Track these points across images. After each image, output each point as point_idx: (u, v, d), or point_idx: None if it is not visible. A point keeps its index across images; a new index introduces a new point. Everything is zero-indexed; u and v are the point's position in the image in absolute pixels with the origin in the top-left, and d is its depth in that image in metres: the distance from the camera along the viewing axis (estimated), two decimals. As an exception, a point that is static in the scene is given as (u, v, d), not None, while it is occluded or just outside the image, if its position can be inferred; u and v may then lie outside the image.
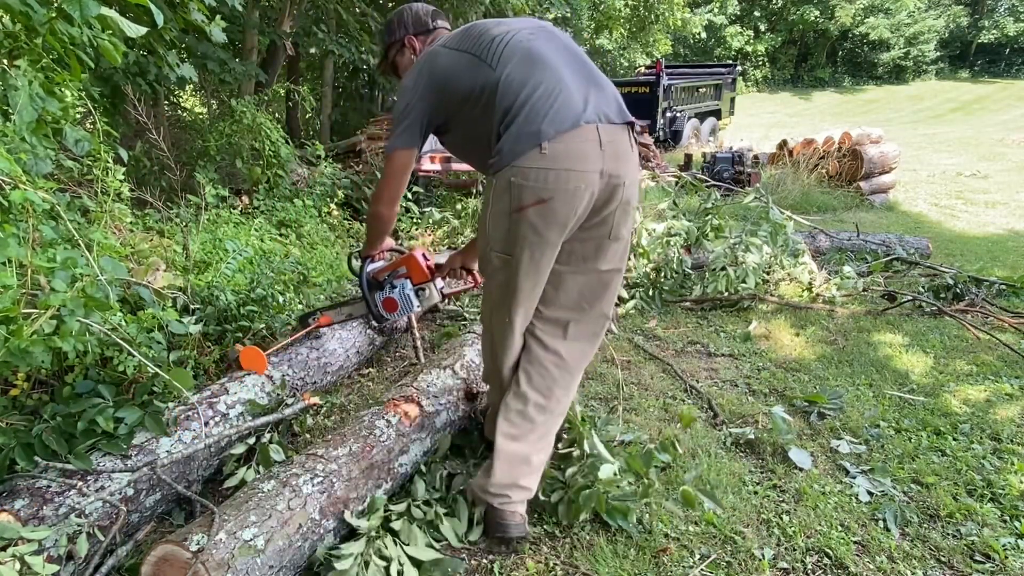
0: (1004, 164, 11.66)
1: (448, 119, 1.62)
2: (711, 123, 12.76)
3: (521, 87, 1.45)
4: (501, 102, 1.47)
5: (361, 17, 7.18)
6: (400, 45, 1.83)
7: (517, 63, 1.48)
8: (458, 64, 1.55)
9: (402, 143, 1.62)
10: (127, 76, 3.92)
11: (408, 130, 1.61)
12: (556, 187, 1.42)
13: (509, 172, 1.43)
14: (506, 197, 1.45)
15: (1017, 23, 33.66)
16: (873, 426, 2.20)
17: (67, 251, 1.62)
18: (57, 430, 1.53)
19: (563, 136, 1.42)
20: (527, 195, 1.43)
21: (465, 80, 1.52)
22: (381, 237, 1.96)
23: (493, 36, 1.54)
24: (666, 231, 3.73)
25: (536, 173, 1.41)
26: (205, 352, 2.20)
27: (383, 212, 1.80)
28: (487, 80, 1.49)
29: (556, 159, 1.41)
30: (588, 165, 1.44)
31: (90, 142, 2.11)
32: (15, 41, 1.95)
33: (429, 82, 1.57)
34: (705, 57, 32.24)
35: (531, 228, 1.45)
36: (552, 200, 1.43)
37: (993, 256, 5.11)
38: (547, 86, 1.46)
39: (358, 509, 1.52)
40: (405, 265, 2.02)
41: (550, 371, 1.62)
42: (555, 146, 1.41)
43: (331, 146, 7.82)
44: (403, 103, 1.60)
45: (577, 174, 1.43)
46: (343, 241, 4.16)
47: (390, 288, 2.04)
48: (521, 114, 1.43)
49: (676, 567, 1.52)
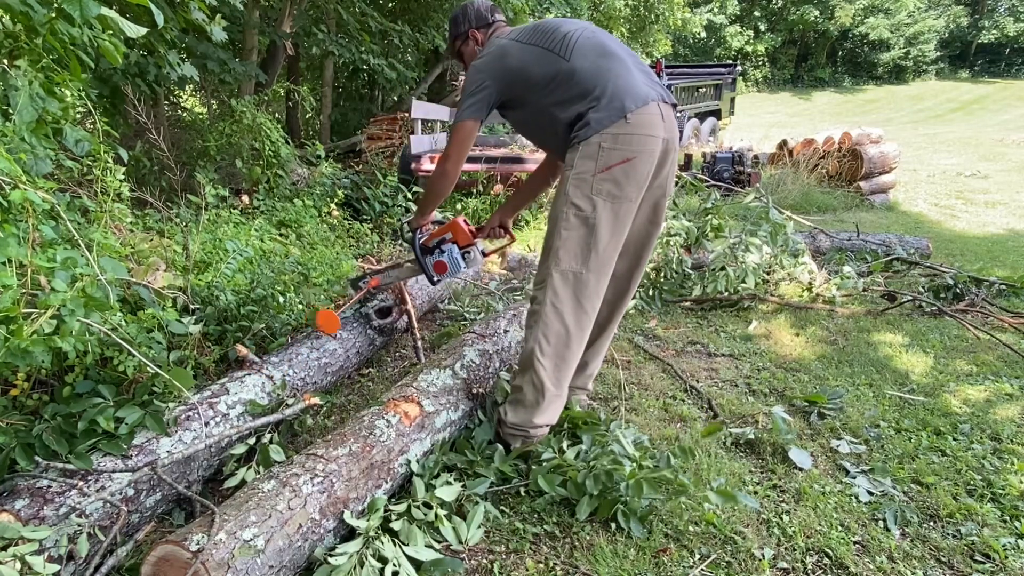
0: (1004, 164, 11.66)
1: (515, 99, 1.93)
2: (711, 123, 12.75)
3: (598, 73, 1.80)
4: (580, 85, 1.80)
5: (361, 17, 7.18)
6: (465, 37, 2.17)
7: (591, 55, 1.83)
8: (530, 55, 1.87)
9: (469, 115, 1.91)
10: (127, 76, 3.92)
11: (476, 105, 1.90)
12: (639, 148, 1.76)
13: (598, 138, 1.75)
14: (593, 160, 1.76)
15: (1017, 23, 33.67)
16: (873, 426, 2.20)
17: (67, 251, 1.62)
18: (57, 430, 1.53)
19: (640, 109, 1.77)
20: (615, 156, 1.75)
21: (539, 69, 1.85)
22: (441, 196, 2.14)
23: (564, 33, 1.87)
24: (666, 231, 3.73)
25: (624, 138, 1.75)
26: (205, 352, 2.20)
27: (449, 170, 2.03)
28: (561, 68, 1.82)
29: (638, 126, 1.76)
30: (657, 131, 1.80)
31: (90, 142, 2.11)
32: (15, 41, 1.95)
33: (501, 69, 1.89)
34: (705, 57, 32.26)
35: (615, 184, 1.77)
36: (636, 159, 1.76)
37: (993, 256, 5.11)
38: (621, 72, 1.82)
39: (358, 509, 1.52)
40: (451, 231, 2.23)
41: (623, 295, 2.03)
42: (636, 117, 1.76)
43: (331, 146, 7.84)
44: (474, 83, 1.91)
45: (652, 139, 1.79)
46: (343, 241, 4.15)
47: (439, 252, 2.23)
48: (606, 93, 1.77)
49: (676, 567, 1.52)
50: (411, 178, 5.43)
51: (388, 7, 8.69)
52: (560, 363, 1.85)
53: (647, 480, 1.64)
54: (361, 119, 9.36)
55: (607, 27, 11.14)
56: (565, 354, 1.85)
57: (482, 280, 3.82)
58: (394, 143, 7.07)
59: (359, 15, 7.12)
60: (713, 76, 13.43)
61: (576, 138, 1.79)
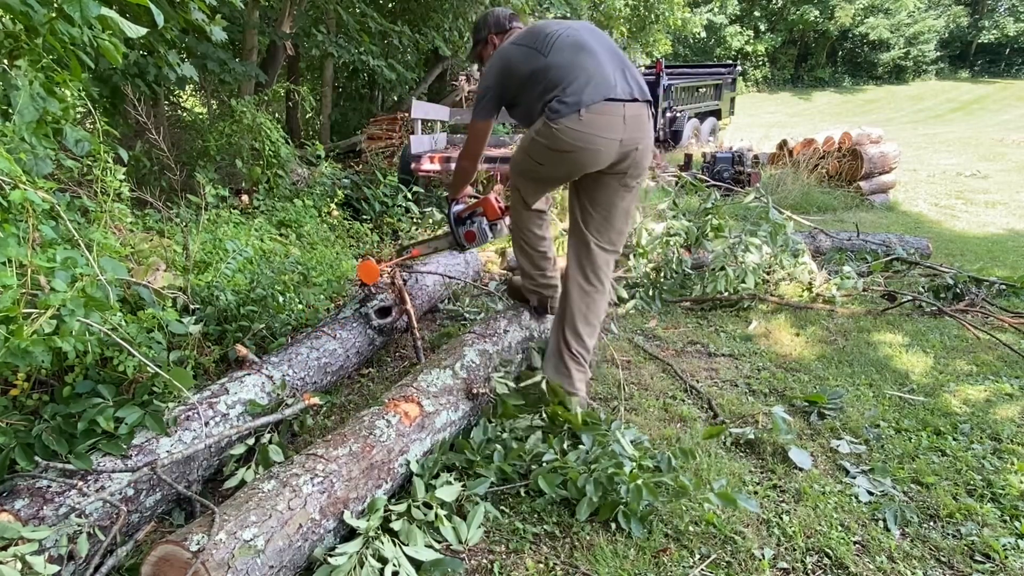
0: (1004, 164, 11.66)
1: (514, 97, 2.16)
2: (711, 123, 12.75)
3: (569, 69, 1.98)
4: (552, 79, 1.99)
5: (361, 18, 7.17)
6: (484, 42, 2.39)
7: (566, 52, 2.01)
8: (520, 55, 2.09)
9: (480, 116, 2.23)
10: (127, 76, 3.92)
11: (485, 107, 2.20)
12: (582, 145, 1.96)
13: (555, 125, 1.96)
14: (550, 138, 1.99)
15: (1017, 23, 33.67)
16: (873, 426, 2.20)
17: (67, 251, 1.62)
18: (57, 430, 1.53)
19: (597, 107, 1.93)
20: (562, 144, 1.97)
21: (523, 67, 2.06)
22: (464, 183, 2.58)
23: (548, 33, 2.07)
24: (666, 231, 3.73)
25: (572, 132, 1.95)
26: (205, 352, 2.20)
27: (466, 165, 2.44)
28: (539, 65, 2.02)
29: (589, 125, 1.94)
30: (611, 133, 1.97)
31: (90, 142, 2.11)
32: (15, 41, 1.95)
33: (500, 71, 2.14)
34: (705, 57, 32.25)
35: (556, 162, 2.04)
36: (576, 152, 1.98)
37: (993, 256, 5.11)
38: (589, 69, 1.98)
39: (358, 509, 1.52)
40: (482, 206, 2.56)
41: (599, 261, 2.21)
42: (590, 116, 1.93)
43: (331, 146, 7.83)
44: (483, 87, 2.20)
45: (601, 139, 1.97)
46: (343, 241, 4.15)
47: (470, 223, 2.58)
48: (570, 88, 1.95)
49: (676, 567, 1.52)
50: (411, 178, 5.42)
51: (388, 7, 8.68)
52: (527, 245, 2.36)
53: (647, 485, 1.64)
54: (361, 119, 9.35)
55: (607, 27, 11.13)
56: (528, 237, 2.33)
57: (482, 280, 3.82)
58: (394, 143, 7.06)
59: (359, 16, 7.12)
60: (713, 76, 13.43)
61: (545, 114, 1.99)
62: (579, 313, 2.18)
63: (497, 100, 2.18)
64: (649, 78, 10.73)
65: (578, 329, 2.18)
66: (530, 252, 2.38)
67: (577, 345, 2.18)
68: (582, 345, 2.19)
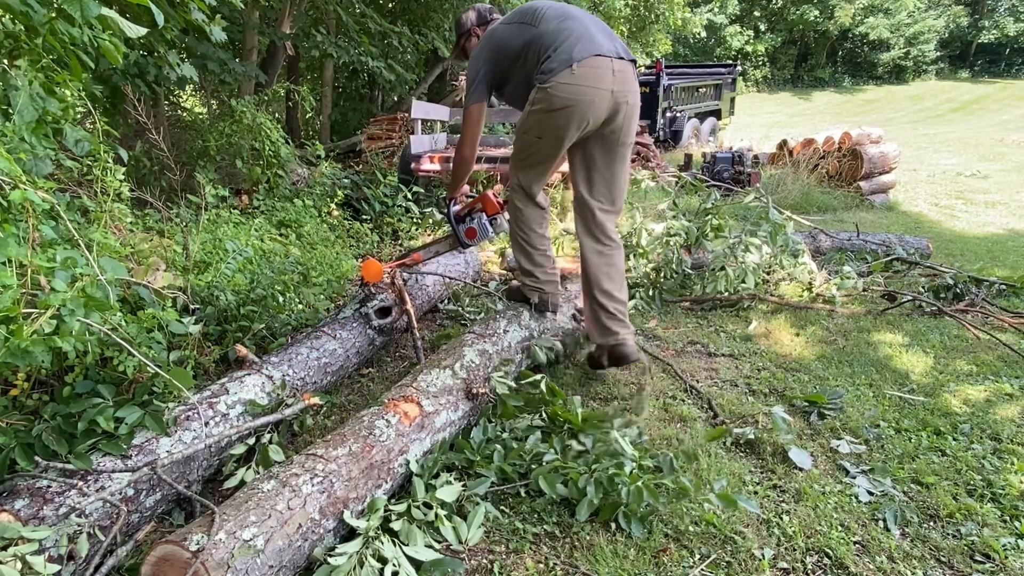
0: (1004, 164, 11.67)
1: (505, 76, 2.26)
2: (711, 123, 12.75)
3: (558, 32, 2.12)
4: (543, 44, 2.12)
5: (360, 19, 7.17)
6: (468, 35, 2.49)
7: (554, 20, 2.16)
8: (510, 31, 2.22)
9: (474, 99, 2.30)
10: (127, 76, 3.92)
11: (477, 89, 2.28)
12: (579, 97, 2.07)
13: (549, 85, 2.08)
14: (546, 101, 2.10)
15: (1017, 23, 33.67)
16: (873, 426, 2.20)
17: (67, 251, 1.62)
18: (57, 430, 1.53)
19: (587, 61, 2.07)
20: (558, 101, 2.08)
21: (515, 41, 2.19)
22: (463, 177, 2.58)
23: (536, 8, 2.22)
24: (666, 231, 3.73)
25: (566, 87, 2.06)
26: (205, 352, 2.20)
27: (466, 154, 2.46)
28: (530, 35, 2.15)
29: (582, 78, 2.07)
30: (603, 84, 2.09)
31: (90, 142, 2.11)
32: (15, 41, 1.95)
33: (489, 50, 2.25)
34: (705, 57, 32.26)
35: (556, 123, 2.13)
36: (572, 107, 2.08)
37: (993, 256, 5.11)
38: (577, 31, 2.13)
39: (358, 509, 1.52)
40: (481, 202, 2.61)
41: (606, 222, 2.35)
42: (581, 69, 2.06)
43: (331, 146, 7.83)
44: (473, 71, 2.28)
45: (595, 90, 2.08)
46: (343, 241, 4.15)
47: (470, 220, 2.61)
48: (560, 48, 2.08)
49: (676, 567, 1.52)
50: (411, 178, 5.42)
51: (388, 8, 8.68)
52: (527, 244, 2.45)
53: (648, 486, 1.63)
54: (361, 119, 9.35)
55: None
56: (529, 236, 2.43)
57: (482, 280, 3.82)
58: (394, 143, 7.06)
59: (358, 16, 7.12)
60: (713, 76, 13.44)
61: (536, 81, 2.12)
62: (602, 274, 2.33)
63: (489, 80, 2.28)
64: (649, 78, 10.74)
65: (606, 288, 2.32)
66: (530, 251, 2.46)
67: (612, 303, 2.33)
68: (616, 301, 2.34)
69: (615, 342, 2.34)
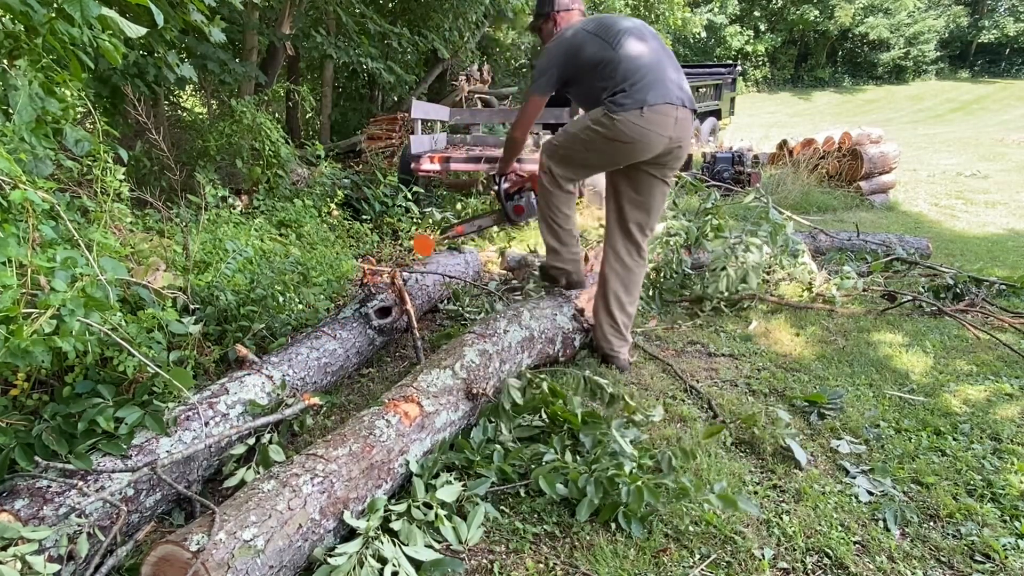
0: (1004, 164, 11.67)
1: (575, 77, 2.37)
2: (711, 123, 12.74)
3: (637, 69, 2.22)
4: (620, 74, 2.22)
5: (360, 19, 7.17)
6: (546, 17, 2.54)
7: (634, 51, 2.24)
8: (591, 43, 2.29)
9: (538, 91, 2.41)
10: (126, 76, 3.92)
11: (544, 83, 2.39)
12: (641, 138, 2.22)
13: (619, 116, 2.20)
14: (610, 128, 2.23)
15: (1017, 23, 33.67)
16: (873, 426, 2.20)
17: (67, 251, 1.62)
18: (57, 430, 1.53)
19: (657, 108, 2.19)
20: (621, 135, 2.22)
21: (591, 55, 2.28)
22: (512, 158, 2.80)
23: (618, 28, 2.29)
24: (666, 231, 3.73)
25: (632, 126, 2.20)
26: (205, 352, 2.20)
27: (517, 136, 2.63)
28: (607, 56, 2.25)
29: (648, 122, 2.19)
30: (664, 131, 2.23)
31: (90, 142, 2.11)
32: (15, 41, 1.95)
33: (567, 53, 2.34)
34: (705, 57, 32.24)
35: (611, 150, 2.29)
36: (632, 144, 2.23)
37: (993, 256, 5.11)
38: (655, 71, 2.23)
39: (358, 509, 1.52)
40: (531, 182, 2.80)
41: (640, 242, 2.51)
42: (651, 114, 2.19)
43: (331, 146, 7.83)
44: (545, 63, 2.38)
45: (656, 135, 2.22)
46: (343, 241, 4.15)
47: (519, 198, 2.85)
48: (637, 86, 2.19)
49: (676, 567, 1.52)
50: (411, 178, 5.42)
51: (388, 8, 8.68)
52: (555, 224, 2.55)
53: (648, 487, 1.63)
54: (361, 119, 9.35)
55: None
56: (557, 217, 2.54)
57: (482, 280, 3.82)
58: (394, 143, 7.07)
59: (358, 16, 7.12)
60: (713, 76, 13.42)
61: (608, 106, 2.22)
62: (621, 287, 2.50)
63: (558, 79, 2.39)
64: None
65: (622, 300, 2.51)
66: (557, 229, 2.57)
67: (621, 316, 2.52)
68: (624, 315, 2.53)
69: (611, 352, 2.57)
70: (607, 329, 2.54)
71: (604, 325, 2.54)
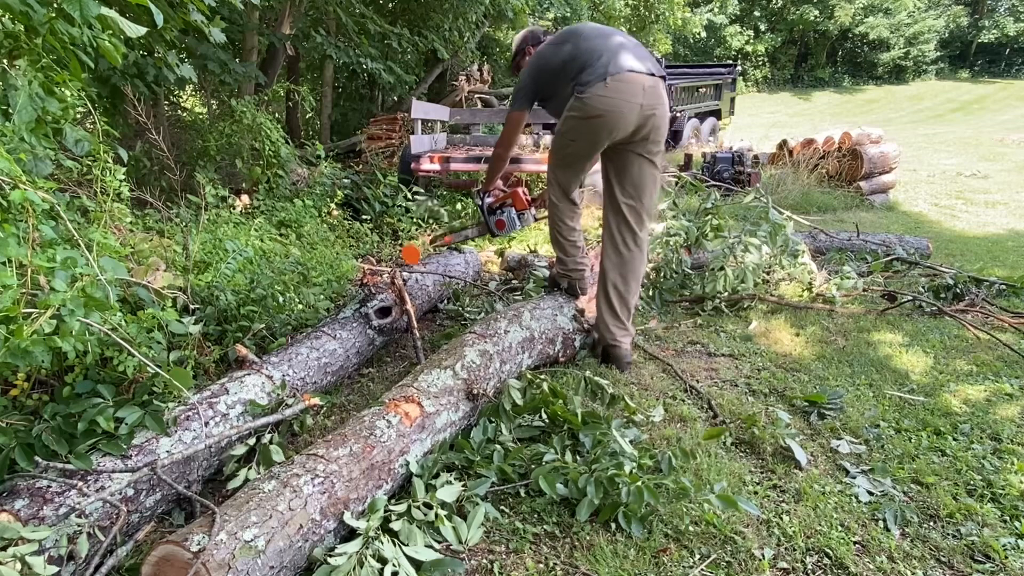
0: (1004, 164, 11.67)
1: (549, 89, 2.48)
2: (711, 123, 12.73)
3: (595, 50, 2.33)
4: (581, 60, 2.33)
5: (360, 20, 7.16)
6: (523, 53, 2.75)
7: (593, 39, 2.37)
8: (551, 50, 2.45)
9: (516, 107, 2.57)
10: (126, 77, 3.92)
11: (520, 99, 2.54)
12: (611, 108, 2.28)
13: (586, 94, 2.28)
14: (581, 109, 2.31)
15: (1017, 23, 33.68)
16: (873, 426, 2.20)
17: (67, 251, 1.62)
18: (57, 430, 1.53)
19: (620, 76, 2.27)
20: (592, 110, 2.29)
21: (557, 58, 2.40)
22: (496, 173, 2.91)
23: (578, 29, 2.47)
24: (666, 231, 3.73)
25: (600, 99, 2.27)
26: (205, 352, 2.20)
27: (500, 152, 2.75)
28: (570, 53, 2.37)
29: (614, 91, 2.27)
30: (633, 98, 2.29)
31: (90, 142, 2.11)
32: (15, 41, 1.95)
33: (535, 67, 2.49)
34: (705, 57, 32.24)
35: (589, 129, 2.34)
36: (604, 116, 2.29)
37: (993, 256, 5.11)
38: (613, 49, 2.34)
39: (358, 510, 1.52)
40: (511, 197, 2.91)
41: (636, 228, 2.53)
42: (614, 83, 2.27)
43: (331, 146, 7.83)
44: (521, 83, 2.55)
45: (625, 103, 2.28)
46: (343, 241, 4.15)
47: (500, 213, 2.91)
48: (597, 63, 2.29)
49: (676, 567, 1.52)
50: (411, 178, 5.42)
51: (388, 8, 8.67)
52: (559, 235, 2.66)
53: (648, 487, 1.63)
54: (361, 119, 9.35)
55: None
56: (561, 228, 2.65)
57: (482, 280, 3.82)
58: (394, 143, 7.06)
59: (358, 17, 7.11)
60: (713, 76, 13.41)
61: (574, 91, 2.32)
62: (617, 276, 2.54)
63: (532, 93, 2.53)
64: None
65: (619, 290, 2.54)
66: (563, 241, 2.70)
67: (619, 305, 2.55)
68: (623, 305, 2.56)
69: (612, 343, 2.58)
70: (607, 319, 2.57)
71: (604, 315, 2.57)
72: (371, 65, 7.10)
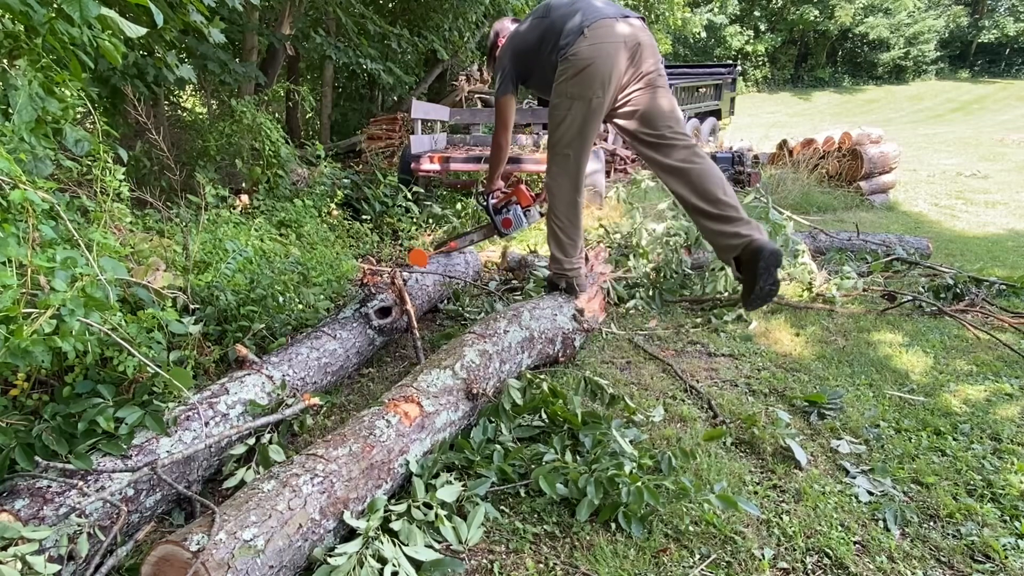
0: (1004, 164, 11.67)
1: (528, 68, 2.54)
2: (711, 123, 12.73)
3: (566, 14, 2.41)
4: (556, 28, 2.40)
5: (360, 20, 7.16)
6: (494, 46, 2.81)
7: (562, 8, 2.44)
8: (526, 29, 2.51)
9: (500, 92, 2.61)
10: (126, 77, 3.92)
11: (503, 83, 2.58)
12: (597, 53, 2.33)
13: (570, 51, 2.35)
14: (569, 69, 2.37)
15: (1017, 23, 33.69)
16: (873, 426, 2.20)
17: (67, 251, 1.62)
18: (57, 430, 1.53)
19: (595, 24, 2.34)
20: (580, 62, 2.34)
21: (532, 35, 2.47)
22: (499, 166, 2.88)
23: (547, 3, 2.52)
24: (666, 231, 3.73)
25: (584, 49, 2.34)
26: (205, 352, 2.20)
27: (500, 139, 2.75)
28: (544, 26, 2.44)
29: (594, 38, 2.34)
30: (614, 38, 2.35)
31: (90, 142, 2.11)
32: (15, 41, 1.95)
33: (512, 48, 2.56)
34: (705, 57, 32.25)
35: (583, 83, 2.37)
36: (594, 62, 2.34)
37: (993, 256, 5.11)
38: (581, 7, 2.41)
39: (358, 509, 1.52)
40: (516, 195, 2.93)
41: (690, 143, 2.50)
42: (592, 31, 2.34)
43: (331, 146, 7.83)
44: (498, 69, 2.61)
45: (609, 44, 2.34)
46: (343, 241, 4.15)
47: (506, 211, 2.92)
48: (570, 23, 2.36)
49: (676, 567, 1.52)
50: (411, 178, 5.42)
51: (387, 8, 8.67)
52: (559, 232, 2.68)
53: (648, 487, 1.64)
54: (361, 119, 9.36)
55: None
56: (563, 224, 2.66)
57: (482, 280, 3.82)
58: (394, 143, 7.07)
59: (358, 17, 7.11)
60: (713, 76, 13.41)
61: (559, 55, 2.39)
62: (704, 186, 2.45)
63: (513, 74, 2.56)
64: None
65: (715, 196, 2.45)
66: (561, 238, 2.70)
67: (724, 208, 2.44)
68: (726, 205, 2.44)
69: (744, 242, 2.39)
70: (722, 228, 2.45)
71: (713, 227, 2.48)
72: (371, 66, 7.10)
